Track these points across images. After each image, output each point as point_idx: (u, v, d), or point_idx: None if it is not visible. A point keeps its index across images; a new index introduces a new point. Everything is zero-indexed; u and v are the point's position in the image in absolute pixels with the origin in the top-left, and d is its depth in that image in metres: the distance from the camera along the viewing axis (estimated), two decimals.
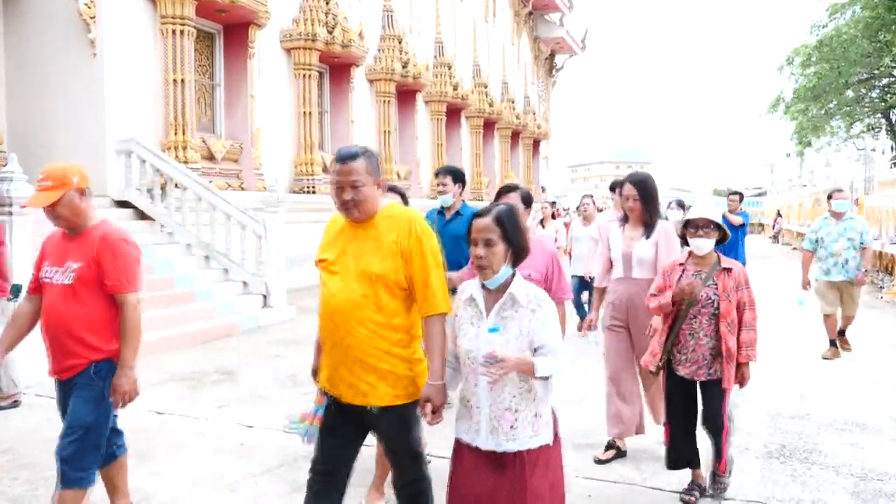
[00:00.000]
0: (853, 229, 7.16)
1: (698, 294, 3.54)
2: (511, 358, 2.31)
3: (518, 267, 3.00)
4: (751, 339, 3.53)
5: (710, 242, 3.53)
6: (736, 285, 3.53)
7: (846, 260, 7.10)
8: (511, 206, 2.51)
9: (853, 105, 27.53)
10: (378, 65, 16.53)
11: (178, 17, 10.48)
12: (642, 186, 4.23)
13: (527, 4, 28.11)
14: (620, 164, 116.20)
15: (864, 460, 4.23)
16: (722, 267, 3.56)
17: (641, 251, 4.16)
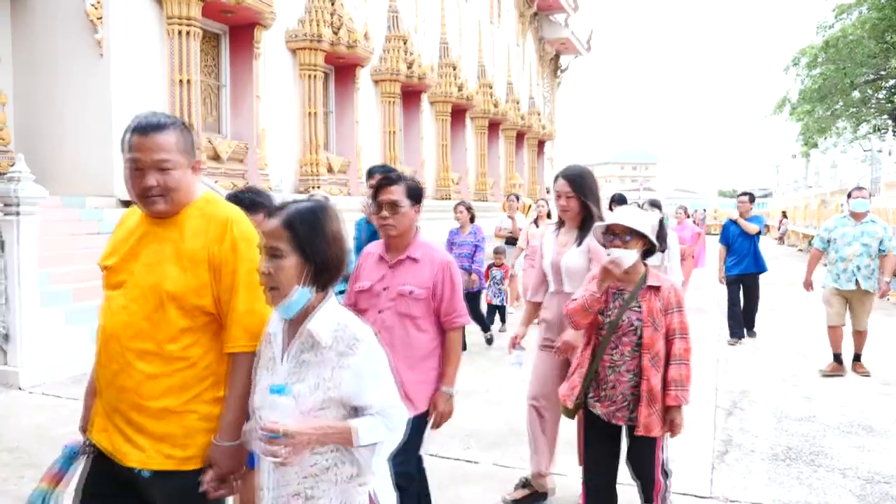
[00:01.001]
0: (872, 234, 6.37)
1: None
2: (303, 430, 1.69)
3: (397, 281, 2.80)
4: (681, 375, 2.83)
5: (630, 254, 2.85)
6: (665, 308, 2.87)
7: (857, 267, 6.35)
8: (315, 206, 1.85)
9: (859, 106, 27.45)
10: (383, 65, 16.54)
11: (185, 18, 10.51)
12: (577, 181, 3.59)
13: (532, 5, 28.10)
14: (625, 165, 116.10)
15: (871, 463, 4.21)
16: (648, 285, 2.89)
17: (571, 260, 3.51)
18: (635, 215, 2.89)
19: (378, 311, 2.85)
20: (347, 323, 1.80)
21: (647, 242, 2.89)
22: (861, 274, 6.35)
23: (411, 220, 2.86)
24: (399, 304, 2.82)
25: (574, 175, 3.61)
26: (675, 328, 2.87)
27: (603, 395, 2.95)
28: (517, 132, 25.44)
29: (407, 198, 2.83)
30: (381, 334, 2.59)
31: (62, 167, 9.67)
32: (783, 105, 29.22)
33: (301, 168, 13.86)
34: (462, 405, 5.21)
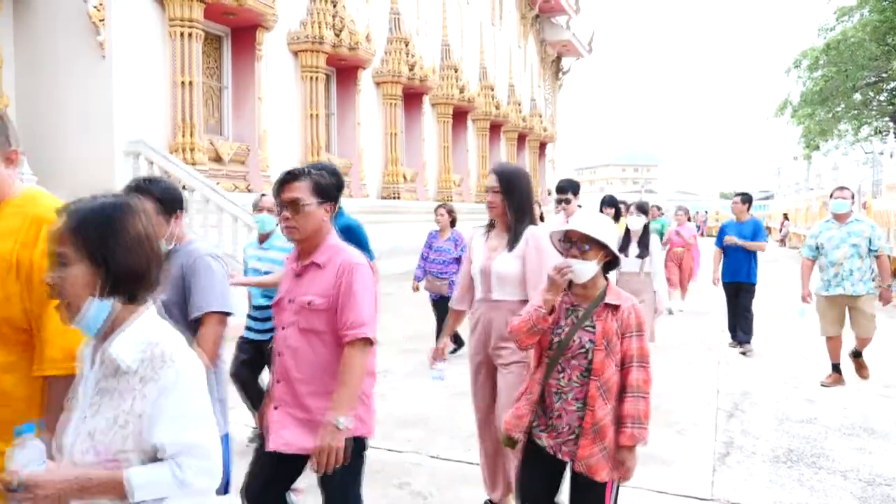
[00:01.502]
0: (858, 234, 5.97)
1: None
2: (52, 479, 1.38)
3: (301, 291, 2.44)
4: (639, 411, 2.42)
5: (588, 266, 2.45)
6: (623, 329, 2.46)
7: (850, 271, 5.93)
8: (110, 203, 1.59)
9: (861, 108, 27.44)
10: (385, 67, 16.56)
11: (187, 20, 10.54)
12: (505, 178, 3.27)
13: (533, 7, 28.12)
14: (627, 167, 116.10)
15: (872, 465, 4.21)
16: (605, 303, 2.49)
17: (502, 266, 3.20)
18: (595, 221, 2.49)
19: (282, 328, 2.50)
20: (159, 340, 1.48)
21: (609, 253, 2.49)
22: (853, 277, 5.93)
23: (318, 221, 2.47)
24: (301, 318, 2.44)
25: (503, 171, 3.32)
26: (633, 354, 2.45)
27: (549, 425, 2.54)
28: (518, 134, 25.46)
29: (313, 195, 2.46)
30: (284, 355, 2.45)
31: (64, 168, 9.69)
32: (784, 107, 29.22)
33: None
34: (463, 406, 5.21)
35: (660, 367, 6.79)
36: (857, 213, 6.20)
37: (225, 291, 2.62)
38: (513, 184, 3.25)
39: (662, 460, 4.25)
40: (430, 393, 5.65)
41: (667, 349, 7.72)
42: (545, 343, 2.56)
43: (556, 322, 2.54)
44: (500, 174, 3.28)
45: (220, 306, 2.57)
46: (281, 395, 2.47)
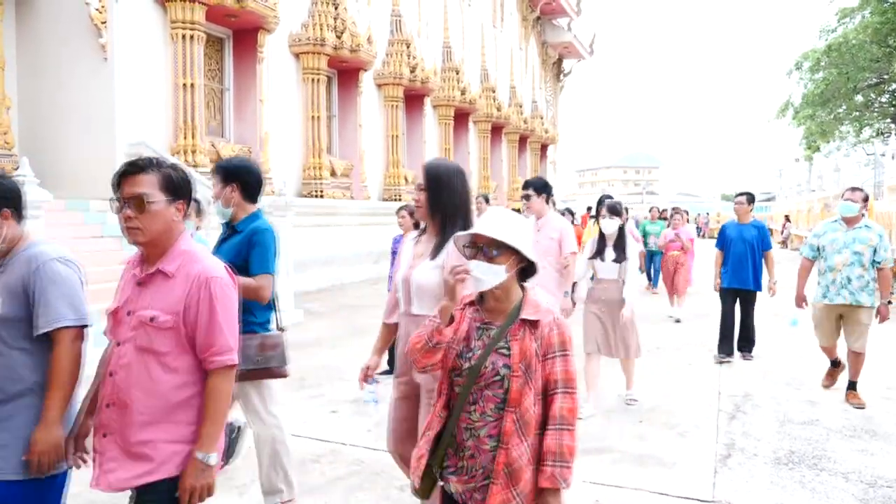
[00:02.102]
0: (864, 241, 5.50)
1: None
2: None
3: (142, 303, 2.12)
4: (562, 446, 2.03)
5: (492, 270, 2.06)
6: (544, 349, 2.07)
7: (848, 279, 5.51)
8: None
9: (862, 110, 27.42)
10: (386, 69, 16.59)
11: (188, 22, 10.56)
12: (434, 174, 2.87)
13: (535, 9, 28.15)
14: (628, 169, 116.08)
15: (874, 467, 4.21)
16: (522, 318, 2.09)
17: (421, 276, 2.82)
18: (504, 222, 2.10)
19: (117, 344, 2.17)
20: None
21: (523, 259, 2.11)
22: (852, 287, 5.51)
23: (167, 221, 2.14)
24: (139, 336, 2.11)
25: (431, 167, 2.91)
26: (557, 378, 2.05)
27: (460, 467, 2.13)
28: (520, 136, 25.48)
29: (161, 190, 2.12)
30: (117, 375, 2.12)
31: (66, 170, 9.71)
32: (786, 109, 29.20)
33: (304, 172, 13.89)
34: None
35: (660, 369, 6.80)
36: (867, 219, 5.71)
37: (78, 300, 2.29)
38: (442, 181, 2.84)
39: (663, 462, 4.24)
40: None
41: (667, 351, 7.72)
42: (448, 366, 2.14)
43: (466, 343, 2.13)
44: (428, 169, 2.88)
45: (75, 319, 2.26)
46: (109, 421, 2.12)
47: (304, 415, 5.23)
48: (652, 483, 3.93)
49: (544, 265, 5.26)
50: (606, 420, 5.10)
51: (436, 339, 2.11)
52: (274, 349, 3.39)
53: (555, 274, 5.43)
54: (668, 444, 4.58)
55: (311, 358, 6.95)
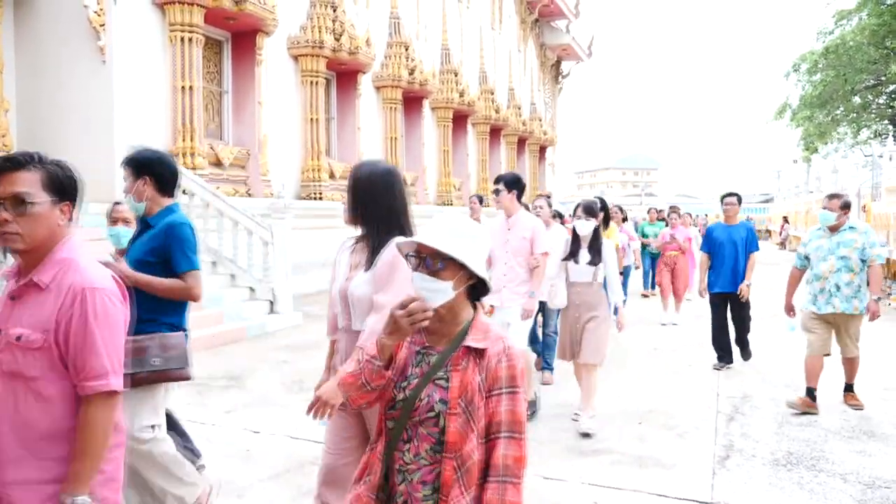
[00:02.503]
0: (849, 244, 5.36)
1: None
2: None
3: (13, 320, 1.85)
4: (503, 501, 1.71)
5: (439, 288, 1.74)
6: (489, 384, 1.75)
7: (836, 286, 5.33)
8: None
9: (860, 111, 27.48)
10: (385, 71, 16.60)
11: (187, 25, 10.57)
12: (360, 173, 2.59)
13: (533, 11, 28.18)
14: (627, 171, 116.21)
15: (872, 468, 4.22)
16: (466, 345, 1.78)
17: (357, 288, 2.54)
18: (451, 231, 1.77)
19: None
20: None
21: (472, 275, 1.78)
22: (842, 294, 5.33)
23: (50, 226, 1.87)
24: (6, 358, 1.84)
25: (359, 168, 2.63)
26: (502, 420, 1.73)
27: None
28: (518, 138, 25.50)
29: (45, 190, 1.85)
30: None
31: None
32: (784, 111, 29.26)
33: (303, 174, 13.90)
34: None
35: (659, 371, 6.81)
36: (852, 220, 5.56)
37: None
38: (371, 183, 2.53)
39: (662, 463, 4.25)
40: None
41: (665, 352, 7.73)
42: (388, 398, 1.84)
43: (402, 371, 1.83)
44: (355, 171, 2.60)
45: None
46: None
47: (303, 417, 5.23)
48: (651, 484, 3.93)
49: (513, 265, 5.09)
50: (605, 421, 5.11)
51: (375, 383, 1.79)
52: (175, 350, 3.10)
53: (525, 276, 5.12)
54: (666, 446, 4.59)
55: (309, 360, 6.95)
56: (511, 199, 5.15)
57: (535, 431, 4.79)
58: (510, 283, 5.08)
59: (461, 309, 1.82)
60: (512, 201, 5.16)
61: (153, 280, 3.05)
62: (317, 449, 4.49)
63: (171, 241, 3.13)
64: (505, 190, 5.13)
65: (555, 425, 4.78)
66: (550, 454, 4.42)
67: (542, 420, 5.03)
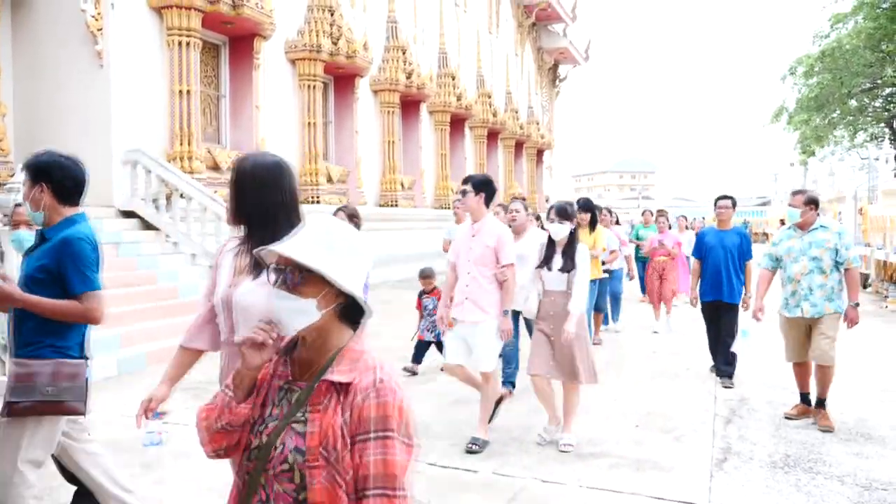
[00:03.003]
0: (821, 244, 5.07)
1: None
2: None
3: None
4: None
5: (300, 308, 1.43)
6: (354, 427, 1.40)
7: (808, 289, 5.06)
8: None
9: (856, 115, 27.53)
10: (382, 75, 16.63)
11: (185, 29, 10.58)
12: (242, 168, 2.28)
13: (530, 16, 28.25)
14: (624, 174, 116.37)
15: (869, 470, 4.22)
16: (326, 379, 1.44)
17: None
18: (321, 236, 1.46)
19: None
20: None
21: (341, 292, 1.44)
22: (814, 297, 5.05)
23: None
24: None
25: (244, 157, 2.34)
26: (370, 473, 1.37)
27: None
28: (516, 141, 25.54)
29: None
30: None
31: None
32: (780, 114, 29.30)
33: (300, 178, 13.89)
34: (462, 413, 5.22)
35: (657, 374, 6.82)
36: (823, 219, 5.27)
37: None
38: (256, 178, 2.22)
39: (660, 466, 4.26)
40: (429, 400, 5.66)
41: (663, 355, 7.74)
42: (245, 444, 1.51)
43: (261, 411, 1.50)
44: (238, 164, 2.30)
45: None
46: None
47: None
48: (648, 487, 3.94)
49: (476, 276, 4.55)
50: (603, 424, 5.11)
51: (226, 420, 1.48)
52: (71, 379, 2.76)
53: (489, 287, 4.56)
54: (664, 449, 4.60)
55: None
56: (478, 202, 4.64)
57: (531, 434, 4.80)
58: (472, 296, 4.55)
59: (333, 334, 1.48)
60: (479, 204, 4.65)
61: (42, 301, 2.72)
62: None
63: (65, 258, 2.77)
64: (472, 192, 4.63)
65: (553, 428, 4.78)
66: (548, 457, 4.42)
67: (539, 423, 5.03)
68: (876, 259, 14.10)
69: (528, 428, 4.96)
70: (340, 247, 1.47)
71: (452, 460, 4.36)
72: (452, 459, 4.37)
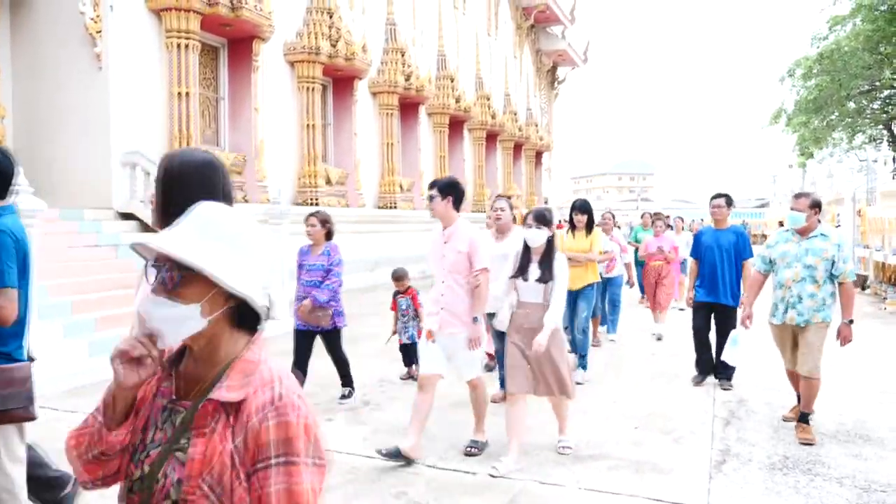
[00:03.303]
0: (818, 253, 4.81)
1: None
2: None
3: None
4: None
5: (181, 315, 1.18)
6: (251, 452, 1.17)
7: (798, 297, 4.82)
8: None
9: (855, 117, 27.57)
10: (381, 77, 16.64)
11: (184, 31, 10.59)
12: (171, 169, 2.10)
13: (529, 18, 28.28)
14: (623, 176, 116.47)
15: (868, 471, 4.22)
16: (213, 399, 1.21)
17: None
18: (206, 226, 1.24)
19: None
20: None
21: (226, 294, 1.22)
22: (802, 306, 4.82)
23: None
24: None
25: (172, 155, 2.15)
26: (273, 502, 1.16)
27: None
28: (515, 143, 25.56)
29: None
30: None
31: (61, 180, 9.70)
32: (779, 116, 29.34)
33: (299, 180, 13.91)
34: (461, 416, 5.21)
35: (656, 376, 6.81)
36: (823, 226, 4.99)
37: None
38: (184, 177, 2.05)
39: (659, 468, 4.25)
40: None
41: (663, 357, 7.74)
42: (125, 471, 1.29)
43: (143, 435, 1.28)
44: (166, 162, 2.12)
45: None
46: None
47: None
48: (647, 489, 3.93)
49: (451, 284, 4.37)
50: (602, 426, 5.11)
51: (99, 449, 1.27)
52: (16, 385, 2.58)
53: (462, 294, 4.39)
54: (663, 450, 4.59)
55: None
56: (446, 206, 4.41)
57: (532, 436, 4.80)
58: (448, 306, 4.36)
59: (223, 343, 1.26)
60: (447, 209, 4.41)
61: None
62: None
63: None
64: (439, 196, 4.41)
65: (552, 430, 4.78)
66: (546, 459, 4.42)
67: (539, 425, 5.03)
68: (874, 261, 14.12)
69: (526, 430, 4.96)
70: (229, 240, 1.23)
71: (451, 462, 4.35)
72: (451, 462, 4.37)
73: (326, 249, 5.53)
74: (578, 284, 6.37)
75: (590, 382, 6.43)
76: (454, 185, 4.50)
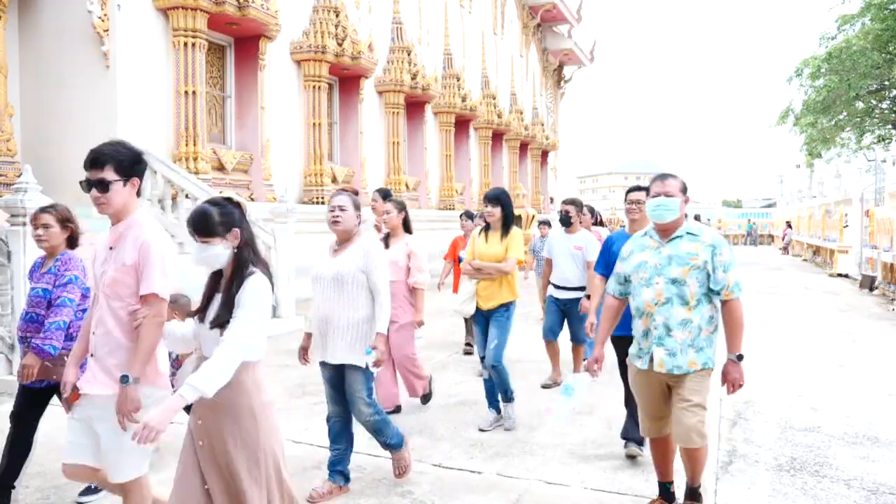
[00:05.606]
0: (684, 260, 3.28)
1: None
2: None
3: None
4: None
5: None
6: None
7: (666, 328, 3.29)
8: None
9: (863, 116, 27.42)
10: (387, 76, 16.64)
11: (190, 30, 10.61)
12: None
13: (535, 17, 28.24)
14: (629, 175, 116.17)
15: (876, 474, 4.20)
16: None
17: None
18: None
19: None
20: None
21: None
22: (671, 341, 3.30)
23: None
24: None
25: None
26: None
27: None
28: (521, 142, 25.54)
29: None
30: None
31: (68, 178, 9.70)
32: (786, 116, 29.21)
33: (305, 178, 13.92)
34: (466, 414, 5.21)
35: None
36: (692, 222, 3.41)
37: None
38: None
39: None
40: (432, 401, 5.65)
41: None
42: None
43: None
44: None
45: None
46: None
47: (306, 422, 5.24)
48: (653, 490, 3.92)
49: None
50: (607, 426, 5.09)
51: None
52: None
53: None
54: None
55: (312, 365, 6.92)
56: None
57: (535, 435, 4.79)
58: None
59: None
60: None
61: None
62: (320, 453, 4.49)
63: None
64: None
65: (556, 430, 4.77)
66: (552, 458, 4.41)
67: (542, 425, 5.01)
68: (882, 261, 14.05)
69: (531, 429, 4.95)
70: None
71: (456, 461, 4.35)
72: (456, 461, 4.36)
73: (53, 265, 3.82)
74: (489, 304, 4.91)
75: (596, 382, 6.40)
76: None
